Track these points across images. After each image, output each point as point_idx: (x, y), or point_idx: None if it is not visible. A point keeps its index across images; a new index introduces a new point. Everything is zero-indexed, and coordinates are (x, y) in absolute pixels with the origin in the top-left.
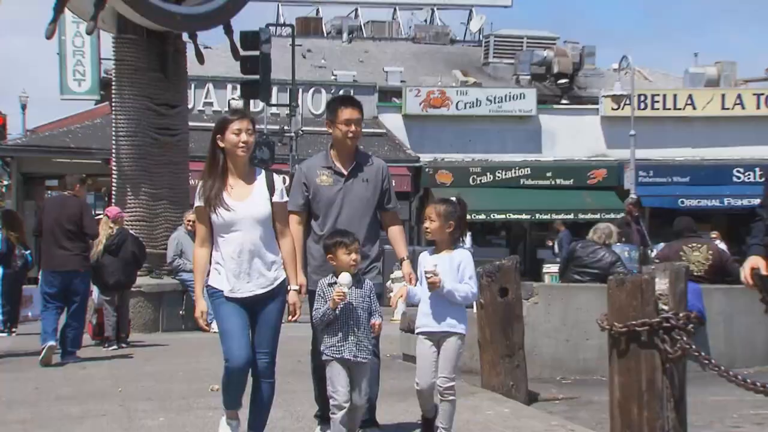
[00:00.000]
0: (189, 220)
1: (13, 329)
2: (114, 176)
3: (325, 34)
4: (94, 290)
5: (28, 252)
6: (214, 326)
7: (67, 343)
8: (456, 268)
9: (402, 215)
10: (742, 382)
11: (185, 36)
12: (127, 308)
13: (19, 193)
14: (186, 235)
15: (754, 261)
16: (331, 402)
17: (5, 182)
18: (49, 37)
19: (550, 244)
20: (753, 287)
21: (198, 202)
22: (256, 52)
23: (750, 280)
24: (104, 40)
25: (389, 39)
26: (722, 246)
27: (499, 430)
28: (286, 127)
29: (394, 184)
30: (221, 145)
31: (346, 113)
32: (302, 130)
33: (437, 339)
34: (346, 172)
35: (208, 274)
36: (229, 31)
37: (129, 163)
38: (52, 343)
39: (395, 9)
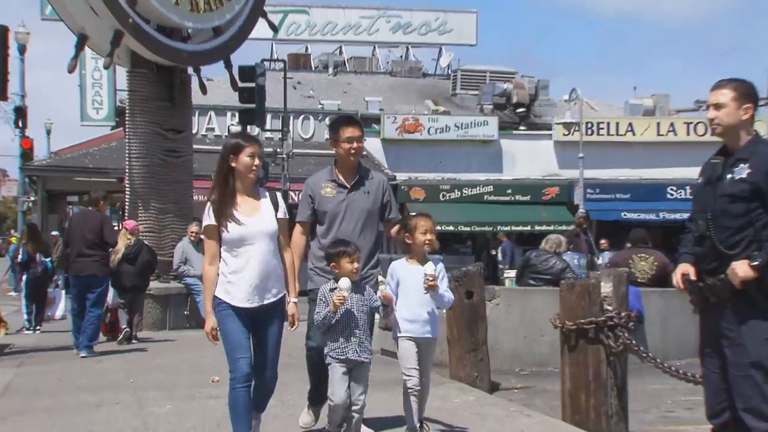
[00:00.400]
0: (192, 231)
1: (38, 327)
2: (127, 193)
3: (313, 69)
4: (110, 292)
5: (48, 259)
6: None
7: (85, 337)
8: (438, 276)
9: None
10: (675, 373)
11: (190, 70)
12: (141, 309)
13: (43, 208)
14: (190, 245)
15: (684, 268)
16: (330, 402)
17: (32, 198)
18: (71, 71)
19: (494, 252)
20: (684, 291)
21: (209, 221)
22: (252, 84)
23: (681, 284)
24: (119, 73)
25: (369, 73)
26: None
27: (466, 416)
28: (278, 150)
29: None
30: (233, 166)
31: (348, 132)
32: (293, 152)
33: (419, 343)
34: (348, 185)
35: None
36: (228, 65)
37: (140, 181)
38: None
39: (374, 47)
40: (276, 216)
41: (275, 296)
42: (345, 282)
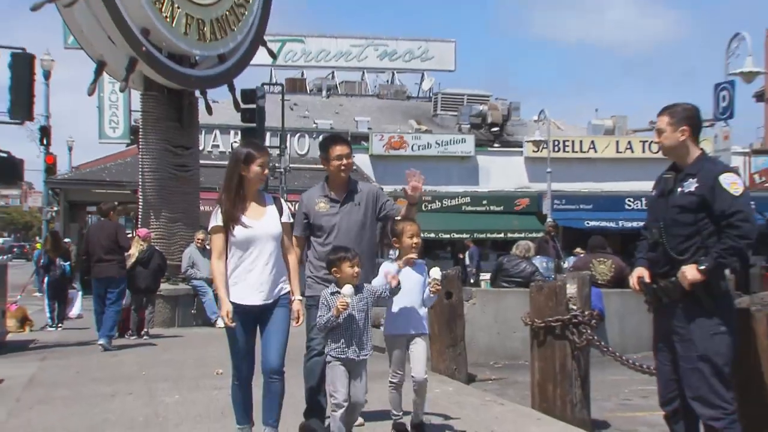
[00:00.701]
0: (199, 239)
1: (60, 325)
2: (140, 203)
3: (308, 92)
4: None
5: (66, 264)
6: (220, 323)
7: (105, 328)
8: (421, 280)
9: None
10: (632, 365)
11: (197, 93)
12: (153, 308)
13: (65, 217)
14: (196, 250)
15: (639, 271)
16: (332, 401)
17: (55, 208)
18: (90, 94)
19: (462, 257)
20: (639, 292)
21: (216, 222)
22: (253, 106)
23: (637, 286)
24: (133, 96)
25: (359, 95)
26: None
27: (445, 405)
28: (277, 165)
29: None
30: (244, 174)
31: (337, 150)
32: (290, 167)
33: (409, 339)
34: (340, 200)
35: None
36: (232, 88)
37: (152, 193)
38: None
39: (363, 72)
40: (280, 220)
41: (280, 294)
42: (348, 288)
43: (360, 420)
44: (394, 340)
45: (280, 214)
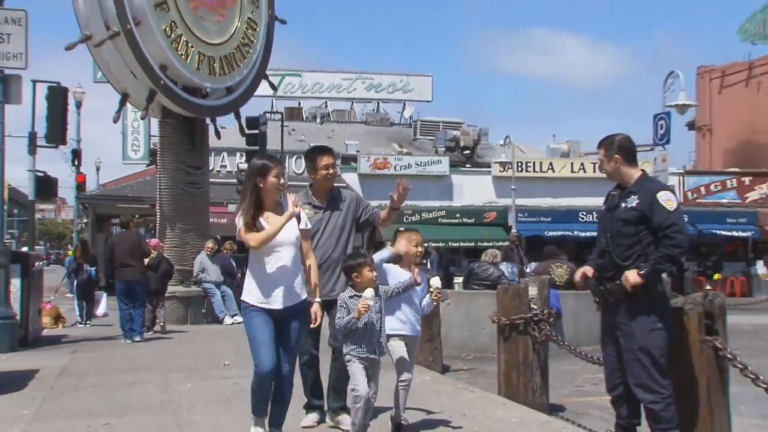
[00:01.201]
0: (209, 247)
1: (88, 322)
2: (157, 216)
3: (304, 119)
4: None
5: (93, 269)
6: (227, 320)
7: (137, 326)
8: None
9: (356, 242)
10: (584, 357)
11: (208, 120)
12: (164, 307)
13: (93, 228)
14: (206, 257)
15: (584, 269)
16: (354, 394)
17: (84, 220)
18: (115, 121)
19: (425, 262)
20: (584, 288)
21: (242, 222)
22: (256, 131)
23: (580, 279)
24: (152, 123)
25: (348, 122)
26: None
27: (423, 393)
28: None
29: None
30: (261, 185)
31: (324, 160)
32: (288, 184)
33: (408, 341)
34: (323, 206)
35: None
36: (238, 116)
37: (168, 207)
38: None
39: (352, 102)
40: (298, 226)
41: (298, 299)
42: (370, 292)
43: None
44: (395, 340)
45: (298, 221)
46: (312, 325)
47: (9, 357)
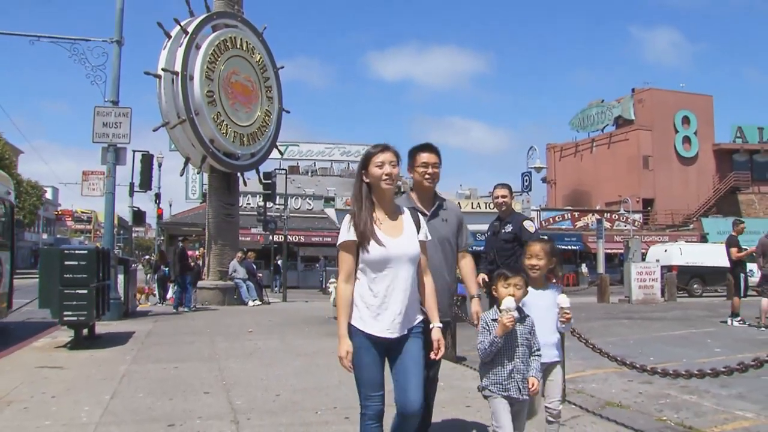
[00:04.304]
0: (238, 256)
1: (163, 302)
2: (206, 236)
3: (300, 173)
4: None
5: (166, 269)
6: (250, 303)
7: (187, 302)
8: (554, 304)
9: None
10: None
11: (239, 173)
12: (196, 293)
13: (167, 243)
14: (237, 263)
15: (482, 275)
16: None
17: (161, 238)
18: (181, 174)
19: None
20: (482, 286)
21: (348, 237)
22: (269, 181)
23: (480, 282)
24: (204, 176)
25: (330, 175)
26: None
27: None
28: (282, 214)
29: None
30: (366, 180)
31: (424, 157)
32: (289, 215)
33: (545, 368)
34: (428, 213)
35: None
36: (258, 171)
37: (213, 229)
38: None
39: (332, 162)
40: (418, 237)
41: (413, 324)
42: (509, 301)
43: None
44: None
45: (418, 229)
46: (435, 356)
47: (117, 324)
